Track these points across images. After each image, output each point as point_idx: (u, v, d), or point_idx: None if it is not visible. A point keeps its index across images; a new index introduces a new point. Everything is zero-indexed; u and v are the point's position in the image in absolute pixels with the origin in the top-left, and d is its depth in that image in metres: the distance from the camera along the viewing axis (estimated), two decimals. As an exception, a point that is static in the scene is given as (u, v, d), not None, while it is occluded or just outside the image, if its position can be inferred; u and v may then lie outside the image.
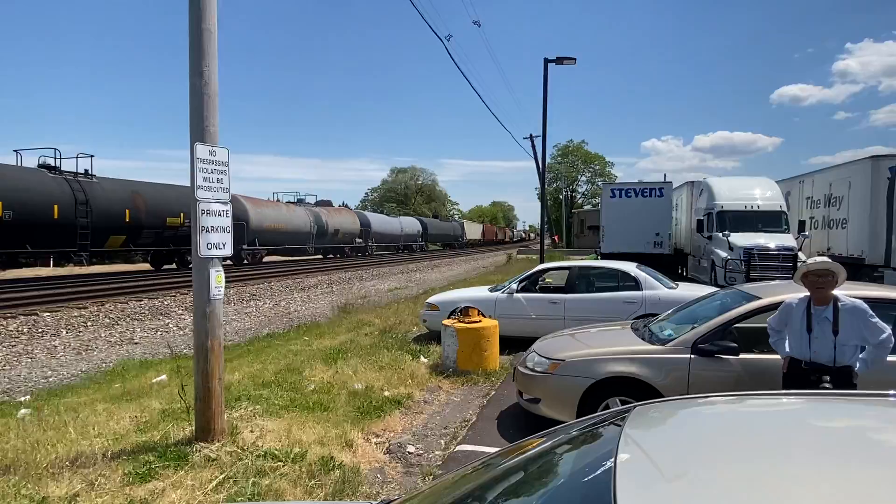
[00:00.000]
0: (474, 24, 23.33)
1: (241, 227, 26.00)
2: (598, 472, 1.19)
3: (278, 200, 34.94)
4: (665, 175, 27.21)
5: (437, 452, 4.94)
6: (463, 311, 7.91)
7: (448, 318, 8.54)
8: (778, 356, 4.25)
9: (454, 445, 5.08)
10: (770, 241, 15.18)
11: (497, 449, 3.62)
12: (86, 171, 19.70)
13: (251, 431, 4.78)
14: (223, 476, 3.96)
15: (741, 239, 15.34)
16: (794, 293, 4.30)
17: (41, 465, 4.06)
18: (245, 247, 26.70)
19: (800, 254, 14.91)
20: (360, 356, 8.00)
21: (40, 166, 18.82)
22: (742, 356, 4.71)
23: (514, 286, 9.49)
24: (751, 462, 1.19)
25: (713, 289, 8.46)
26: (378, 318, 11.80)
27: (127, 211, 20.05)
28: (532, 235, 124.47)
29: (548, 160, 23.97)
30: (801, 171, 19.86)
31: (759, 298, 4.96)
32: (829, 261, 4.03)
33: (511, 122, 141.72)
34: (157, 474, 3.98)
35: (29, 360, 9.25)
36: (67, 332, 11.22)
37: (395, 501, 1.66)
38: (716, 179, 18.57)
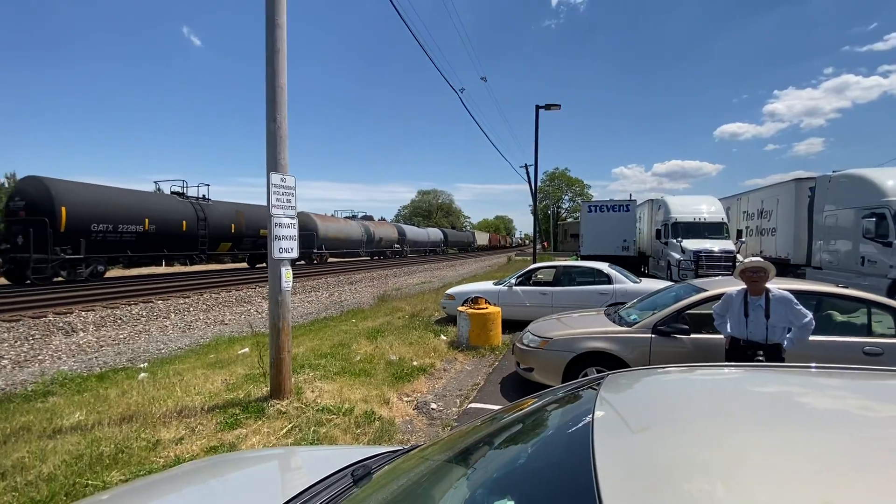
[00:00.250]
0: (481, 80, 23.30)
1: (312, 236, 27.66)
2: (580, 425, 1.18)
3: (338, 216, 36.54)
4: (630, 194, 26.95)
5: (453, 409, 4.93)
6: (473, 300, 7.88)
7: (462, 305, 8.53)
8: (721, 336, 4.16)
9: (467, 403, 5.07)
10: (714, 245, 14.99)
11: (500, 406, 3.60)
12: (203, 195, 21.22)
13: (312, 392, 4.81)
14: (291, 425, 3.99)
15: (691, 244, 15.18)
16: (733, 286, 4.21)
17: (155, 416, 4.13)
18: (315, 251, 28.03)
19: (738, 255, 14.64)
20: (395, 334, 8.02)
21: (172, 193, 20.40)
22: (692, 336, 4.62)
23: (513, 281, 9.43)
24: (700, 419, 1.16)
25: (669, 283, 8.32)
26: (408, 306, 11.81)
27: (232, 225, 21.71)
28: (527, 242, 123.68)
29: (539, 184, 23.87)
30: (738, 191, 19.45)
31: (706, 290, 4.86)
32: (762, 260, 3.93)
33: (509, 153, 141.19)
34: (241, 423, 4.03)
35: (147, 336, 9.43)
36: (175, 315, 11.42)
37: (422, 446, 1.66)
38: (671, 197, 18.30)
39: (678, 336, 4.61)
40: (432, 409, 4.87)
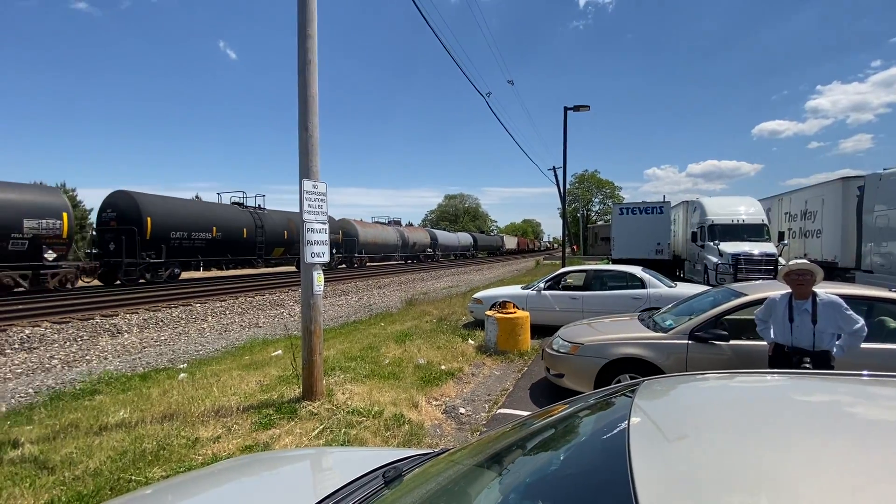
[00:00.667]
0: (508, 83, 23.21)
1: (354, 242, 29.84)
2: (615, 433, 1.15)
3: (377, 222, 38.56)
4: (664, 196, 26.19)
5: (482, 414, 4.90)
6: (501, 305, 7.83)
7: (489, 309, 8.48)
8: (763, 342, 3.97)
9: (496, 409, 5.02)
10: (754, 248, 14.36)
11: (530, 412, 3.56)
12: (259, 205, 23.42)
13: (342, 394, 4.87)
14: (322, 426, 4.05)
15: (729, 247, 14.60)
16: (776, 290, 4.02)
17: (194, 415, 4.28)
18: (356, 255, 30.18)
19: (780, 259, 13.98)
20: (423, 338, 8.05)
21: (233, 203, 22.67)
22: (732, 342, 4.44)
23: (542, 285, 9.31)
24: (742, 428, 1.12)
25: (706, 287, 8.02)
26: (435, 310, 11.83)
27: (285, 232, 23.50)
28: (555, 245, 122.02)
29: (568, 186, 23.51)
30: (779, 191, 18.59)
31: (746, 295, 4.66)
32: (808, 262, 3.74)
33: (537, 156, 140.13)
34: (275, 423, 4.12)
35: (186, 338, 9.79)
36: (212, 318, 11.82)
37: (451, 450, 1.66)
38: (707, 199, 17.68)
39: (717, 342, 4.44)
40: (461, 413, 4.85)
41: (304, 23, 4.65)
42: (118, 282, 16.81)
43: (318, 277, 4.69)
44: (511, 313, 7.48)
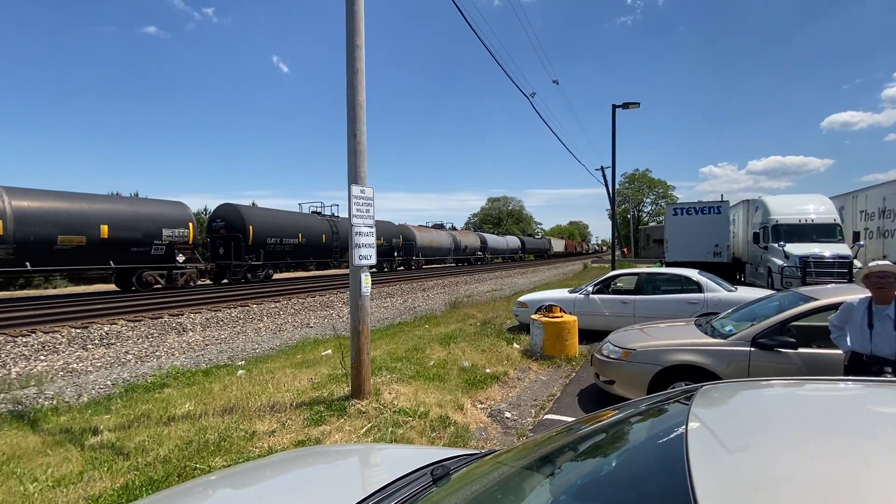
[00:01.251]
0: (553, 83, 22.80)
1: (412, 245, 32.16)
2: (671, 439, 1.10)
3: (434, 226, 40.92)
4: (722, 195, 24.73)
5: (528, 419, 4.82)
6: (547, 308, 7.68)
7: (535, 313, 8.35)
8: (837, 351, 3.66)
9: (542, 414, 4.93)
10: (824, 250, 13.21)
11: (577, 417, 3.46)
12: (334, 213, 26.70)
13: (389, 393, 4.95)
14: (370, 425, 4.15)
15: (796, 249, 13.53)
16: (850, 295, 3.69)
17: (251, 409, 4.50)
18: (414, 257, 32.67)
19: (855, 261, 12.79)
20: (467, 341, 8.05)
21: (313, 212, 25.98)
22: (800, 350, 4.11)
23: (590, 289, 9.05)
24: (811, 439, 1.03)
25: (770, 292, 7.49)
26: (479, 313, 11.80)
27: None
28: (604, 248, 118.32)
29: (617, 186, 22.74)
30: (853, 188, 17.00)
31: (817, 299, 4.31)
32: (891, 264, 3.41)
33: (584, 156, 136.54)
34: (325, 420, 4.26)
35: (244, 337, 10.36)
36: (267, 318, 12.41)
37: (499, 451, 1.65)
38: (770, 197, 16.52)
39: (783, 350, 4.13)
40: (506, 417, 4.80)
41: (352, 34, 4.81)
42: (225, 280, 19.93)
43: (366, 279, 4.82)
44: (558, 317, 7.32)
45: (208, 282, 19.91)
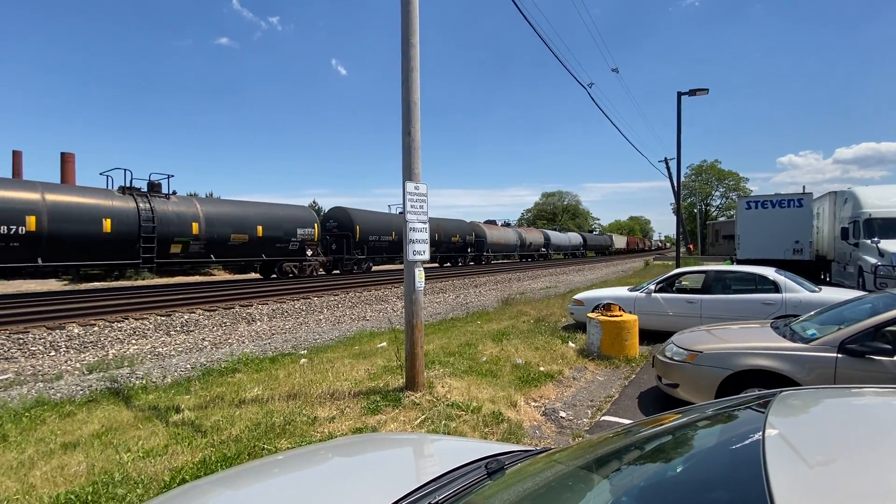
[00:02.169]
0: (613, 71, 21.85)
1: (483, 242, 34.96)
2: (745, 449, 1.03)
3: (503, 224, 43.23)
4: (804, 187, 22.58)
5: (584, 419, 4.70)
6: (605, 307, 7.41)
7: (592, 311, 8.09)
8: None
9: (599, 415, 4.78)
10: None
11: (636, 420, 3.32)
12: None
13: (442, 387, 5.00)
14: (424, 417, 4.22)
15: (893, 245, 12.04)
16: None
17: (313, 395, 4.74)
18: (484, 253, 35.58)
19: None
20: (520, 338, 7.95)
21: (399, 213, 29.49)
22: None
23: (652, 287, 8.61)
24: None
25: (861, 293, 6.74)
26: (533, 310, 11.61)
27: (436, 234, 29.65)
28: (667, 245, 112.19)
29: (682, 179, 21.40)
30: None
31: (920, 303, 3.82)
32: None
33: (646, 147, 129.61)
34: (381, 410, 4.40)
35: (306, 327, 10.91)
36: (327, 311, 12.99)
37: (555, 449, 1.63)
38: (862, 188, 14.80)
39: (876, 357, 3.71)
40: (561, 416, 4.71)
41: (406, 33, 4.89)
42: (336, 271, 24.01)
43: (420, 274, 4.90)
44: (617, 316, 7.05)
45: (322, 272, 23.52)
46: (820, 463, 0.95)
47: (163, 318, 10.48)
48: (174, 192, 17.22)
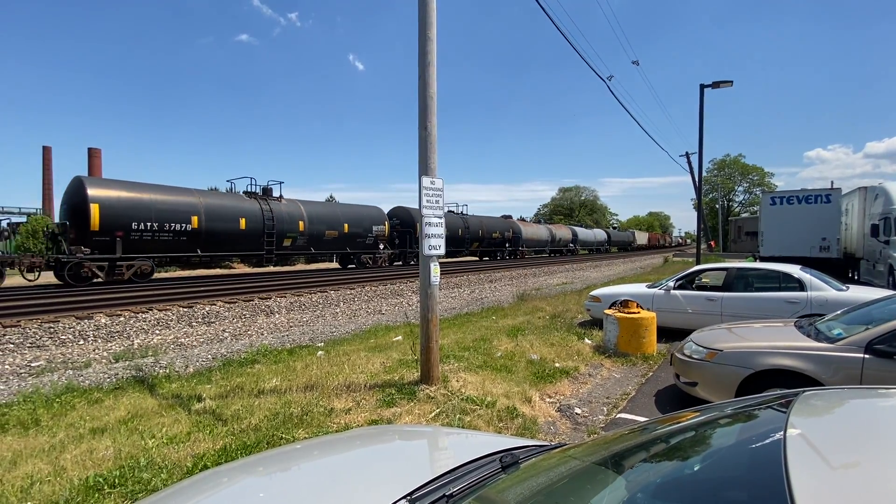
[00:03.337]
0: (633, 64, 21.41)
1: (518, 238, 37.32)
2: (766, 442, 1.01)
3: (536, 221, 46.12)
4: (832, 182, 21.81)
5: (600, 416, 4.67)
6: (623, 303, 7.32)
7: (609, 308, 8.00)
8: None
9: (615, 413, 4.74)
10: None
11: (653, 417, 3.28)
12: (462, 212, 32.69)
13: (456, 381, 5.03)
14: (438, 410, 4.25)
15: None
16: None
17: (329, 387, 4.82)
18: (519, 248, 37.75)
19: None
20: (535, 334, 7.92)
21: (449, 211, 30.32)
22: (931, 361, 3.55)
23: (671, 284, 8.46)
24: None
25: (891, 292, 6.52)
26: (548, 306, 11.55)
27: (480, 230, 32.54)
28: (687, 241, 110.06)
29: (704, 174, 20.92)
30: None
31: (956, 303, 3.68)
32: None
33: (666, 142, 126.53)
34: (396, 402, 4.44)
35: (322, 320, 11.07)
36: (344, 304, 13.13)
37: (569, 445, 1.62)
38: (894, 184, 14.26)
39: (907, 360, 3.59)
40: (576, 413, 4.68)
41: (423, 27, 4.88)
42: (399, 262, 26.85)
43: (435, 269, 4.91)
44: (634, 313, 6.96)
45: (385, 263, 26.22)
46: (843, 465, 0.93)
47: (185, 310, 10.74)
48: (281, 196, 20.73)
